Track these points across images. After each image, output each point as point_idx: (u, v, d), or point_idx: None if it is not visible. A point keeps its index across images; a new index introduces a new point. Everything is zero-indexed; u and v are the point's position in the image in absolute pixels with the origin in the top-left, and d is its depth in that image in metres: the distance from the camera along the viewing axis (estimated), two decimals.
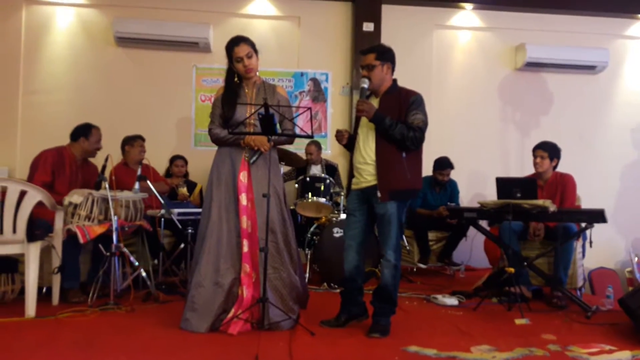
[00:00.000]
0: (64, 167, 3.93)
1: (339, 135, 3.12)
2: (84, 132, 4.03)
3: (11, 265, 3.56)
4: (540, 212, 3.61)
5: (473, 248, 4.82)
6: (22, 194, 3.28)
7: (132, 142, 4.64)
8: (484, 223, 4.23)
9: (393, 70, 3.09)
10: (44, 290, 3.62)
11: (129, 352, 2.52)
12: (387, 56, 3.06)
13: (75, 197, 3.57)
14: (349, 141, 3.14)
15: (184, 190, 4.80)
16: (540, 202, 3.59)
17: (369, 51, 3.07)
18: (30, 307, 3.22)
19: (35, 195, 3.33)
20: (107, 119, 5.37)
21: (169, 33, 5.53)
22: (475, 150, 6.02)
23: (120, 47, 5.68)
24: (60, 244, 3.50)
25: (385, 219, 2.95)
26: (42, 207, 3.41)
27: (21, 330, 2.91)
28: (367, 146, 3.01)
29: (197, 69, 5.81)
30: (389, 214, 2.93)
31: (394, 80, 3.11)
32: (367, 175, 3.01)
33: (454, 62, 6.19)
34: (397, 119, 2.93)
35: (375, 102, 3.05)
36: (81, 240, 3.44)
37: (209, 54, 5.76)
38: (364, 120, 3.04)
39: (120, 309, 3.37)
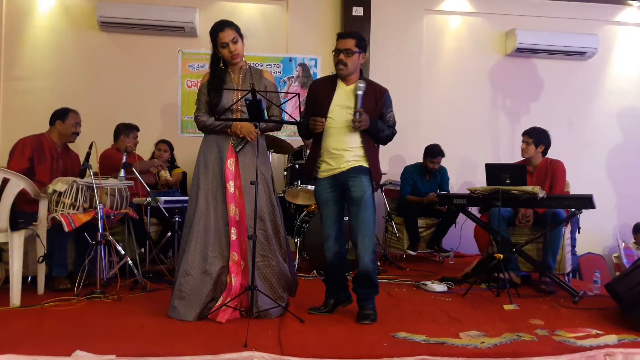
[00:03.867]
0: (44, 154, 3.85)
1: (317, 123, 2.96)
2: (59, 115, 3.97)
3: None
4: (529, 198, 3.62)
5: (462, 235, 4.82)
6: (5, 182, 3.22)
7: (128, 132, 4.62)
8: (474, 210, 4.22)
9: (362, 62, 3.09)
10: (29, 279, 3.57)
11: (116, 340, 2.49)
12: (364, 45, 3.04)
13: (59, 185, 3.50)
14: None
15: (165, 173, 4.74)
16: (529, 188, 3.59)
17: (349, 36, 3.01)
18: (15, 296, 3.17)
19: (18, 184, 3.27)
20: (91, 106, 5.30)
21: (154, 17, 5.42)
22: (465, 137, 6.01)
23: (104, 31, 5.57)
24: (45, 233, 3.45)
25: (362, 202, 2.92)
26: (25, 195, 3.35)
27: (6, 320, 2.86)
28: (344, 133, 2.96)
29: (183, 54, 5.71)
30: (366, 197, 2.93)
31: (360, 71, 3.12)
32: (344, 161, 2.97)
33: (444, 48, 6.15)
34: (373, 112, 2.96)
35: (347, 90, 3.00)
36: (66, 229, 3.39)
37: (195, 38, 5.66)
38: (336, 104, 2.97)
39: (107, 297, 3.34)
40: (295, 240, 4.49)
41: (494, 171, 3.81)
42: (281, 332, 2.66)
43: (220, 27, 3.05)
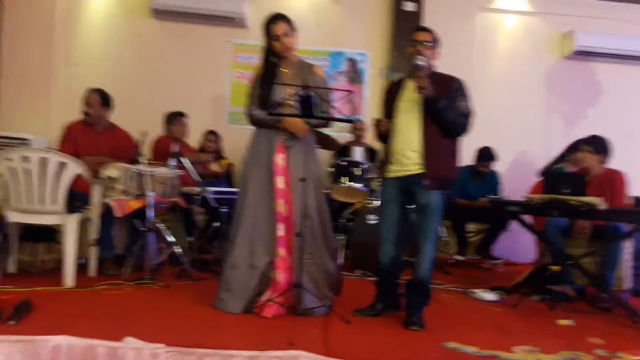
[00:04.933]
0: (86, 136, 3.92)
1: (380, 124, 2.98)
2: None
3: (48, 235, 3.60)
4: (589, 209, 3.45)
5: (515, 242, 4.66)
6: (62, 165, 3.30)
7: (173, 120, 4.67)
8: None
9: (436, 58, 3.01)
10: (83, 261, 3.65)
11: (163, 328, 2.52)
12: (439, 42, 3.00)
13: (112, 170, 3.57)
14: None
15: (214, 166, 4.78)
16: (589, 199, 3.43)
17: (428, 30, 2.98)
18: (69, 277, 3.26)
19: (75, 168, 3.34)
20: (142, 93, 5.41)
21: (205, 6, 5.43)
22: (517, 140, 5.80)
23: (156, 19, 5.61)
24: (98, 217, 3.52)
25: (428, 210, 2.85)
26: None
27: (60, 300, 2.95)
28: (410, 132, 2.88)
29: (233, 45, 5.72)
30: (433, 204, 2.84)
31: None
32: (409, 163, 2.89)
33: (497, 47, 5.96)
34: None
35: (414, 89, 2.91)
36: (117, 214, 3.45)
37: (245, 29, 5.64)
38: (404, 103, 2.91)
39: (155, 284, 3.39)
40: (340, 238, 4.45)
41: (552, 179, 3.66)
42: (326, 332, 2.62)
43: (273, 19, 3.02)
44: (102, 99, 3.97)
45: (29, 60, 5.48)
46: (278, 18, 3.02)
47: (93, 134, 3.96)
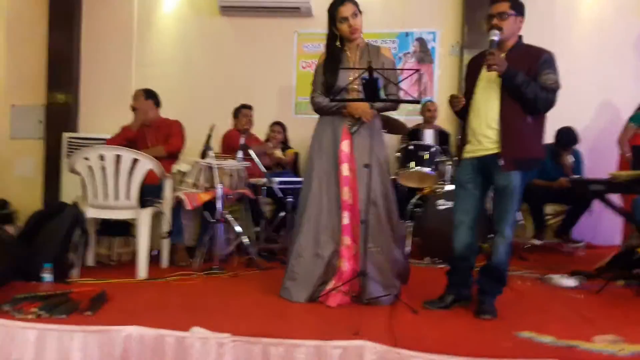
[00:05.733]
0: (140, 132, 4.09)
1: (454, 101, 2.83)
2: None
3: (124, 229, 3.80)
4: None
5: (598, 224, 4.33)
6: (135, 162, 3.46)
7: (237, 113, 4.83)
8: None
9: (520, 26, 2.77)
10: (156, 252, 3.83)
11: (230, 317, 2.57)
12: (521, 8, 2.76)
13: (183, 165, 3.73)
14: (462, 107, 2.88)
15: (278, 152, 4.83)
16: None
17: None
18: (142, 269, 3.41)
19: (147, 164, 3.48)
20: (211, 89, 5.58)
21: None
22: (602, 116, 5.36)
23: (224, 16, 5.74)
24: (170, 210, 3.66)
25: (507, 192, 2.68)
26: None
27: (133, 291, 3.09)
28: (488, 109, 2.71)
29: (299, 35, 5.72)
30: (512, 186, 2.66)
31: (520, 37, 2.78)
32: (487, 142, 2.72)
33: (580, 13, 5.50)
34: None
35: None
36: (188, 207, 3.58)
37: (311, 18, 5.62)
38: (483, 79, 2.74)
39: (224, 274, 3.48)
40: (407, 225, 4.34)
41: None
42: (393, 321, 2.56)
43: (340, 1, 2.97)
44: (145, 93, 4.19)
45: (107, 64, 5.79)
46: (344, 0, 2.97)
47: (142, 129, 4.13)
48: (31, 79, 5.70)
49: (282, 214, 4.37)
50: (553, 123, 4.64)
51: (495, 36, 2.65)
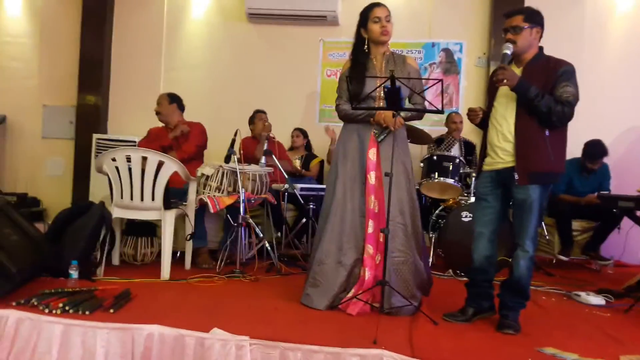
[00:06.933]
0: (159, 136, 4.17)
1: (472, 114, 2.81)
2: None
3: (150, 230, 3.85)
4: None
5: (627, 241, 4.22)
6: (160, 164, 3.50)
7: (252, 119, 4.85)
8: None
9: (541, 36, 2.73)
10: (178, 254, 3.87)
11: (250, 321, 2.57)
12: (537, 19, 2.72)
13: (207, 169, 3.75)
14: (482, 119, 2.85)
15: (296, 163, 4.87)
16: None
17: (516, 13, 2.73)
18: (166, 270, 3.46)
19: (172, 166, 3.53)
20: (237, 95, 5.62)
21: (298, 7, 5.50)
22: (631, 131, 5.24)
23: (251, 23, 5.80)
24: (193, 213, 3.70)
25: (525, 205, 2.64)
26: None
27: (157, 291, 3.12)
28: (505, 122, 2.70)
29: (325, 43, 5.75)
30: (531, 200, 2.63)
31: (541, 48, 2.74)
32: (504, 154, 2.70)
33: (610, 30, 5.40)
34: (541, 88, 2.60)
35: (517, 72, 2.70)
36: (212, 210, 3.61)
37: (337, 27, 5.65)
38: (502, 92, 2.72)
39: (245, 277, 3.49)
40: (431, 236, 4.30)
41: None
42: (412, 332, 2.53)
43: (375, 4, 3.03)
44: (169, 97, 4.26)
45: (137, 67, 5.89)
46: (380, 4, 3.02)
47: (166, 132, 4.21)
48: (63, 81, 5.83)
49: (304, 220, 4.37)
50: (581, 138, 4.61)
51: (507, 50, 2.64)
